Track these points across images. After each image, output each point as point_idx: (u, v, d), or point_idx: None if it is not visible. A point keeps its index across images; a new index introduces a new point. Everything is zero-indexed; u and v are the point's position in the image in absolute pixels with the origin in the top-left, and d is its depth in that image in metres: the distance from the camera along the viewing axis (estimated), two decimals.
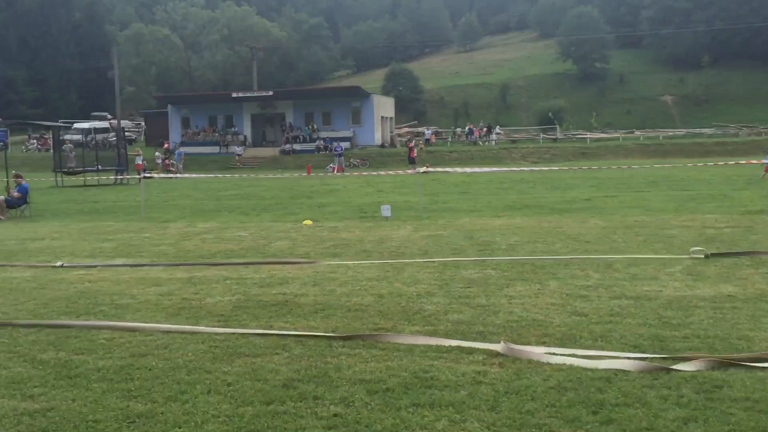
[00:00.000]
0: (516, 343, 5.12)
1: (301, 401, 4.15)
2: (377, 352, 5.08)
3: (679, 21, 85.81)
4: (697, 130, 56.67)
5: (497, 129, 59.26)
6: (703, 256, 8.53)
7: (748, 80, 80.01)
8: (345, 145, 46.88)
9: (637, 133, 56.63)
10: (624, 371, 4.47)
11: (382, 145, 52.94)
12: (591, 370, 4.51)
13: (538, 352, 4.90)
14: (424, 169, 25.48)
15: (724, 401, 3.95)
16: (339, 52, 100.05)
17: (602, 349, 5.01)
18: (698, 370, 4.43)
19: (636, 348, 5.03)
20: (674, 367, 4.51)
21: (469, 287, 7.31)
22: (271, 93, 54.58)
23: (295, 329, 5.78)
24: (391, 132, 56.95)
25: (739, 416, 3.74)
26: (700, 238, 10.29)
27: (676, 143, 49.00)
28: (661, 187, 21.15)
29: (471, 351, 5.01)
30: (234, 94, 54.76)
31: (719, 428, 3.60)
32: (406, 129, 62.57)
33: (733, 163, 20.85)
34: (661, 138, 52.87)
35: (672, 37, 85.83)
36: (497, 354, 4.92)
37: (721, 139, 49.99)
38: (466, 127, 60.18)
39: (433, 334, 5.53)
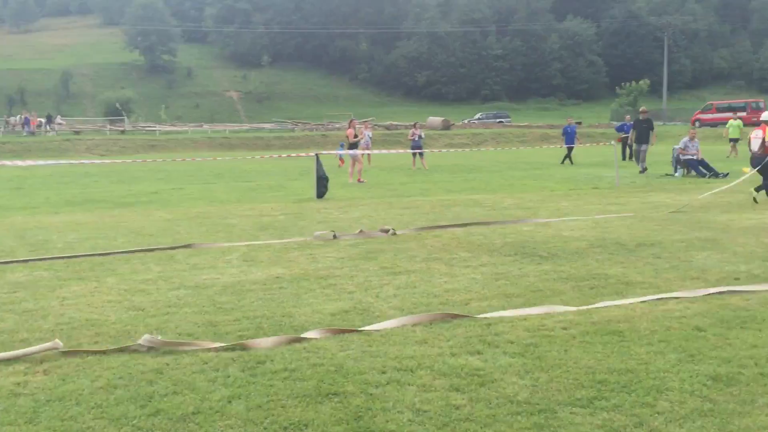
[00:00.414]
0: (69, 345, 4.82)
1: None
2: None
3: (240, 21, 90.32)
4: (260, 125, 60.67)
5: (59, 119, 54.94)
6: (331, 237, 9.40)
7: (302, 80, 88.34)
8: None
9: (206, 126, 58.17)
10: (175, 360, 4.54)
11: None
12: (142, 363, 4.48)
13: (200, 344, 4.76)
14: None
15: (266, 375, 4.28)
16: None
17: None
18: (244, 349, 4.74)
19: (190, 335, 5.16)
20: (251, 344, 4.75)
21: (15, 292, 6.63)
22: None
23: None
24: None
25: (279, 386, 4.09)
26: (257, 226, 11.02)
27: (241, 137, 51.64)
28: (226, 178, 22.09)
29: (9, 362, 4.55)
30: None
31: (260, 400, 3.88)
32: None
33: (286, 155, 22.83)
34: (227, 132, 55.16)
35: (235, 36, 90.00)
36: (42, 361, 4.56)
37: (280, 133, 54.32)
38: (21, 116, 54.46)
39: None
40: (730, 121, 32.38)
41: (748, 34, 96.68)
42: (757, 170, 13.35)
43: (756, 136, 13.53)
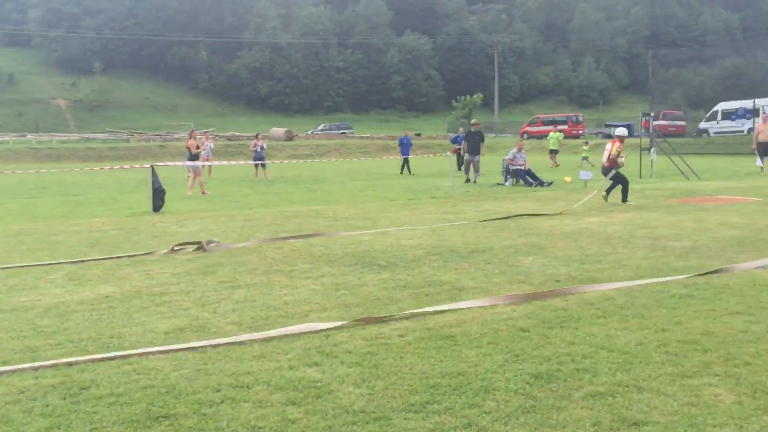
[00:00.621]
0: None
1: None
2: None
3: (68, 25, 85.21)
4: (91, 135, 57.38)
5: None
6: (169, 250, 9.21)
7: (138, 89, 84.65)
8: None
9: (30, 136, 54.18)
10: None
11: None
12: None
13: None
14: None
15: (89, 401, 4.02)
16: None
17: None
18: (66, 375, 4.43)
19: (5, 363, 4.75)
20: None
21: None
22: None
23: None
24: None
25: (103, 413, 3.85)
26: (86, 242, 10.39)
27: (70, 147, 48.55)
28: (51, 192, 20.65)
29: None
30: None
31: (82, 429, 3.64)
32: None
33: (119, 167, 21.77)
34: (54, 142, 51.68)
35: (62, 40, 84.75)
36: None
37: (114, 144, 51.65)
38: None
39: None
40: (551, 134, 34.66)
41: (568, 53, 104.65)
42: (609, 178, 14.74)
43: (606, 149, 14.99)
